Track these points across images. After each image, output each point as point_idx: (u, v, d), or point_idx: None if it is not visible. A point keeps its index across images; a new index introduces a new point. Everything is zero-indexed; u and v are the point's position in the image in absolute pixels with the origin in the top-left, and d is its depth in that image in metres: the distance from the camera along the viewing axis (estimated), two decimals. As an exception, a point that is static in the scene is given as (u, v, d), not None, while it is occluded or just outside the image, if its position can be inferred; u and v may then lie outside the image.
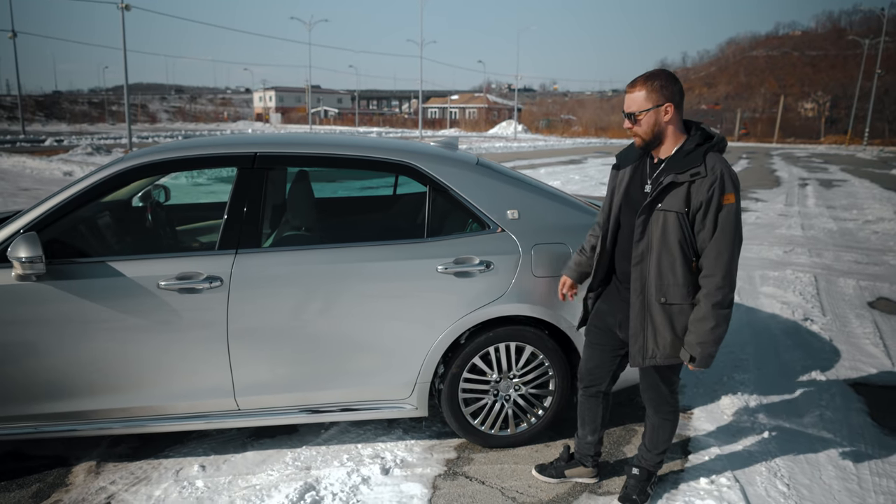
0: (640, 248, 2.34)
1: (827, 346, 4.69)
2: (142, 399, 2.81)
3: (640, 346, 2.40)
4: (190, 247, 3.81)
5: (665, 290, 2.31)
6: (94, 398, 2.77)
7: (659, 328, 2.35)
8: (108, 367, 2.74)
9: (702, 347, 2.29)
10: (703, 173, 2.21)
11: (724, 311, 2.27)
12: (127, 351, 2.73)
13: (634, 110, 2.29)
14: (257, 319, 2.79)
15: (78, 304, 2.66)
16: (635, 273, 2.37)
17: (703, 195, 2.20)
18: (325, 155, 3.02)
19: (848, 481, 2.95)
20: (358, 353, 2.91)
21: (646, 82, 2.27)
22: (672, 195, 2.25)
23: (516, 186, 3.17)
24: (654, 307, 2.34)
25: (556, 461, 2.90)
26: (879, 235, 9.47)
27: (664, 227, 2.27)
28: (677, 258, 2.27)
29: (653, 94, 2.25)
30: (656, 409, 2.60)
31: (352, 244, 2.92)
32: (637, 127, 2.30)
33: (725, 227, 2.21)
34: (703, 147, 2.26)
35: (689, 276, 2.29)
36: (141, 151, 2.99)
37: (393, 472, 2.94)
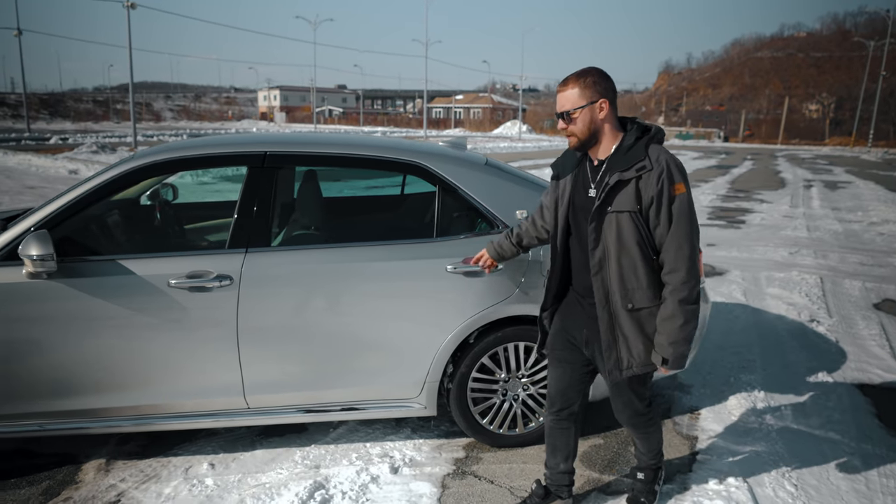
0: (598, 256, 2.21)
1: (833, 348, 4.68)
2: (151, 397, 2.82)
3: (615, 360, 2.26)
4: (200, 245, 3.83)
5: (630, 296, 2.19)
6: (102, 396, 2.78)
7: (630, 337, 2.23)
8: (117, 364, 2.75)
9: (673, 347, 2.16)
10: (649, 166, 2.10)
11: (692, 306, 2.15)
12: (136, 349, 2.74)
13: (568, 108, 2.16)
14: (267, 318, 2.80)
15: (88, 302, 2.67)
16: (596, 283, 2.23)
17: (652, 189, 2.09)
18: (336, 154, 3.03)
19: (856, 482, 2.95)
20: (367, 353, 2.91)
21: (578, 79, 2.16)
22: (621, 195, 2.13)
23: (524, 186, 3.17)
24: (621, 315, 2.21)
25: (529, 498, 2.66)
26: (885, 237, 9.45)
27: (619, 229, 2.15)
28: (637, 260, 2.16)
29: (586, 91, 2.14)
30: (635, 426, 2.50)
31: (361, 243, 2.93)
32: (572, 126, 2.18)
33: (681, 218, 2.10)
34: (643, 140, 2.16)
35: (653, 277, 2.18)
36: (150, 150, 3.01)
37: (402, 470, 2.94)
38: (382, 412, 3.03)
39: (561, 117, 2.20)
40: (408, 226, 3.55)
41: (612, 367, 2.28)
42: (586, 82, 2.15)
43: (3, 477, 2.85)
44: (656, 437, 2.58)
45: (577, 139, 2.20)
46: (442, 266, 2.90)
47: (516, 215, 3.06)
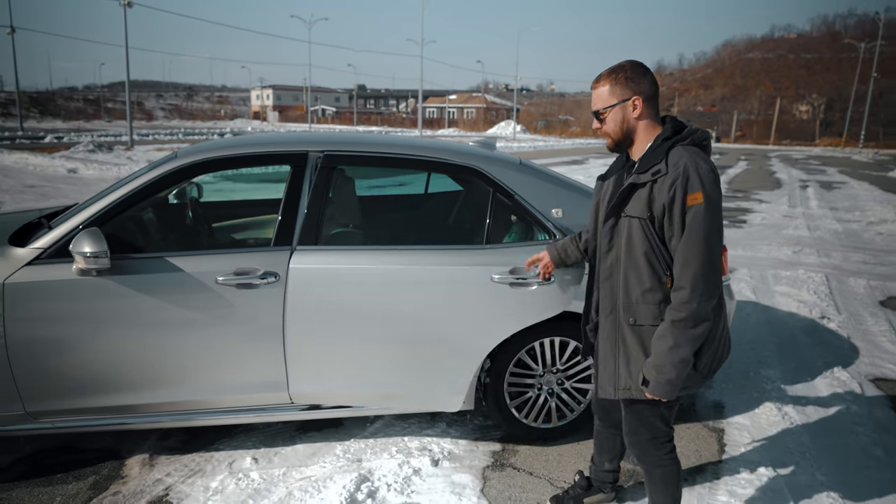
0: (609, 261, 2.08)
1: (845, 343, 4.79)
2: (194, 392, 2.87)
3: (610, 374, 2.12)
4: (243, 242, 3.88)
5: (634, 310, 2.03)
6: (147, 391, 2.83)
7: (632, 353, 2.05)
8: (162, 360, 2.80)
9: (656, 371, 1.95)
10: (664, 171, 1.91)
11: (690, 330, 1.91)
12: (183, 345, 2.79)
13: (599, 107, 2.05)
14: (313, 315, 2.85)
15: (138, 298, 2.72)
16: (605, 290, 2.12)
17: (664, 196, 1.90)
18: (391, 155, 3.08)
19: (882, 471, 3.04)
20: (410, 356, 2.95)
21: (610, 75, 2.03)
22: (635, 199, 1.99)
23: (557, 184, 3.24)
24: (624, 329, 2.07)
25: (571, 489, 2.69)
26: (884, 237, 9.60)
27: (629, 235, 2.01)
28: (644, 273, 1.99)
29: (617, 88, 2.01)
30: (639, 457, 2.24)
31: (409, 247, 2.94)
32: (605, 125, 2.06)
33: (692, 232, 1.88)
34: (669, 142, 1.97)
35: (662, 294, 1.99)
36: (193, 149, 3.06)
37: (442, 463, 3.01)
38: (423, 407, 3.09)
39: (595, 116, 2.09)
40: (455, 229, 3.55)
41: (606, 382, 2.14)
42: (618, 79, 2.01)
43: (49, 472, 2.89)
44: (666, 488, 2.24)
45: (611, 139, 2.09)
46: (488, 275, 2.88)
47: (552, 213, 3.12)
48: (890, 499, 2.83)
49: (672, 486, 2.25)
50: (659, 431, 2.18)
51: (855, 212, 12.55)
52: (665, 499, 2.27)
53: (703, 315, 1.91)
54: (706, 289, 1.89)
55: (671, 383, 1.95)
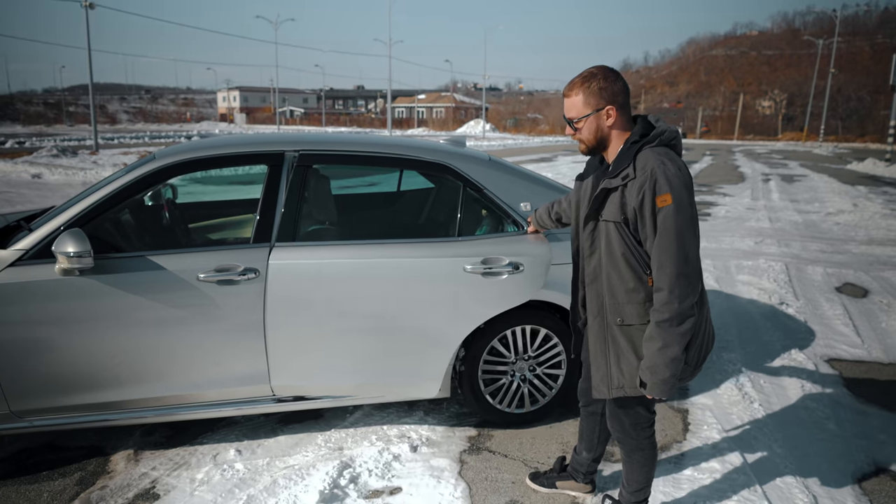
0: (593, 264, 2.15)
1: (802, 327, 5.03)
2: (177, 387, 2.94)
3: (603, 374, 2.18)
4: (222, 241, 3.94)
5: (620, 310, 2.09)
6: (130, 388, 2.89)
7: (623, 352, 2.11)
8: (147, 356, 2.87)
9: (651, 372, 2.00)
10: (632, 175, 1.97)
11: (675, 328, 1.95)
12: (166, 341, 2.86)
13: (574, 116, 2.08)
14: (293, 309, 2.94)
15: (121, 297, 2.78)
16: (591, 292, 2.18)
17: (634, 200, 1.97)
18: (365, 154, 3.18)
19: (834, 443, 3.25)
20: (387, 346, 3.06)
21: (583, 84, 2.05)
22: (609, 203, 2.05)
23: (524, 179, 3.38)
24: (613, 329, 2.12)
25: (549, 472, 2.83)
26: (841, 226, 9.98)
27: (608, 239, 2.07)
28: (625, 273, 2.05)
29: (591, 98, 2.04)
30: (620, 441, 2.34)
31: (384, 241, 3.05)
32: (579, 133, 2.11)
33: (664, 233, 1.92)
34: (637, 144, 2.02)
35: (645, 293, 2.05)
36: (172, 150, 3.12)
37: (420, 449, 3.13)
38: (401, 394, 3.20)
39: (568, 123, 2.13)
40: (427, 224, 3.67)
41: (599, 383, 2.20)
42: (591, 88, 2.04)
43: (35, 470, 2.93)
44: (637, 467, 2.35)
45: (585, 146, 2.14)
46: (460, 266, 3.01)
47: (520, 207, 3.26)
48: (840, 466, 3.03)
49: (648, 468, 2.37)
50: (641, 418, 2.28)
51: (815, 203, 13.00)
52: (640, 478, 2.39)
53: (686, 313, 1.95)
54: (684, 288, 1.94)
55: (666, 382, 1.99)
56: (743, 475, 2.92)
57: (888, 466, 3.06)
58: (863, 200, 13.18)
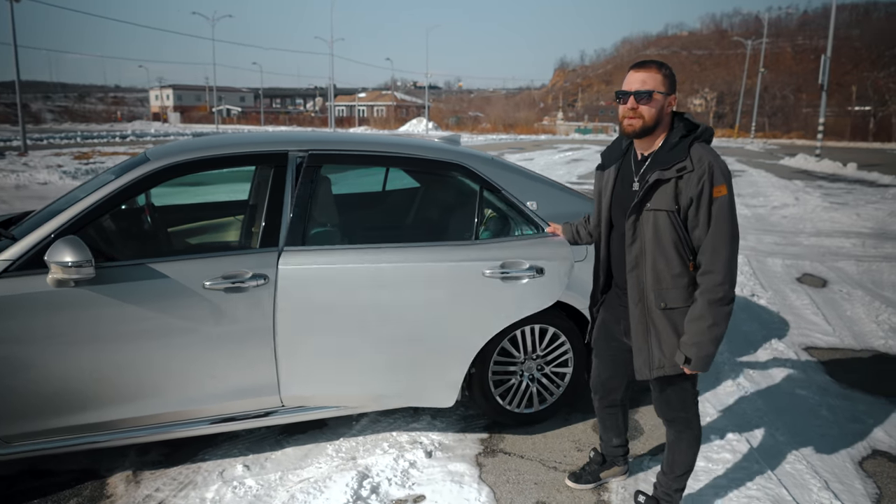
0: (634, 252, 2.22)
1: (776, 318, 5.22)
2: (180, 402, 2.78)
3: (645, 357, 2.25)
4: (229, 246, 3.75)
5: (664, 295, 2.18)
6: (133, 405, 2.71)
7: (663, 336, 2.20)
8: (149, 371, 2.70)
9: (697, 348, 2.11)
10: (690, 167, 2.07)
11: (724, 307, 2.10)
12: (171, 353, 2.70)
13: (651, 88, 2.11)
14: (304, 316, 2.83)
15: (121, 308, 2.60)
16: (631, 280, 2.24)
17: (692, 190, 2.07)
18: (375, 154, 3.08)
19: (829, 428, 3.37)
20: (403, 354, 2.97)
21: (660, 67, 2.14)
22: (659, 193, 2.13)
23: (534, 180, 3.36)
24: (655, 314, 2.20)
25: (588, 465, 2.85)
26: (789, 219, 10.45)
27: (655, 227, 2.14)
28: (673, 259, 2.14)
29: (667, 81, 2.14)
30: (669, 421, 2.42)
31: (399, 244, 2.96)
32: (644, 107, 2.13)
33: (720, 220, 2.07)
34: (688, 139, 2.14)
35: (688, 277, 2.16)
36: (165, 150, 2.95)
37: (435, 454, 3.07)
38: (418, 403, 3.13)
39: (635, 96, 2.13)
40: (441, 225, 3.58)
41: (642, 365, 2.27)
42: (667, 73, 2.15)
43: (23, 499, 2.72)
44: (686, 447, 2.42)
45: (643, 123, 2.15)
46: (479, 270, 2.94)
47: (527, 206, 3.24)
48: (840, 450, 3.15)
49: (696, 447, 2.44)
50: (687, 393, 2.36)
51: (759, 197, 13.57)
52: (688, 460, 2.44)
53: (732, 295, 2.12)
54: (733, 271, 2.11)
55: (710, 357, 2.13)
56: (755, 464, 2.99)
57: (883, 448, 3.20)
58: (802, 194, 13.84)
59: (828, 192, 14.82)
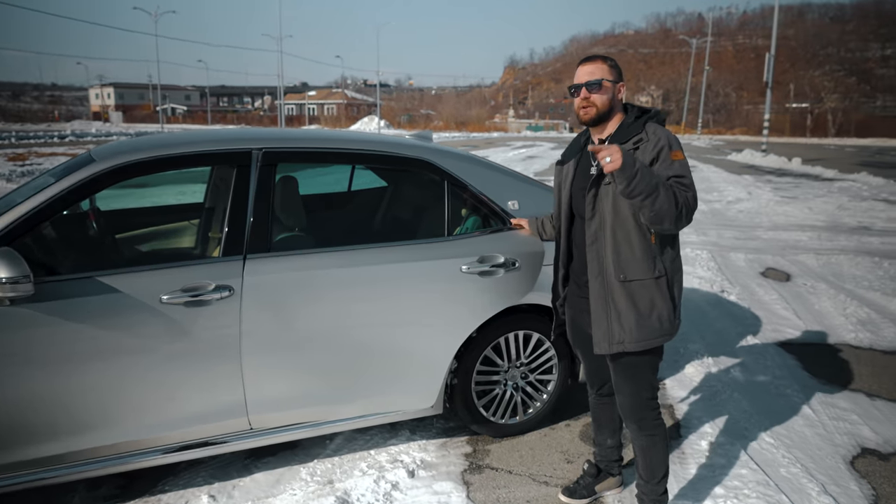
0: (593, 227, 2.25)
1: (748, 314, 5.20)
2: (137, 431, 2.50)
3: (604, 331, 2.25)
4: (188, 254, 3.44)
5: (624, 267, 2.19)
6: (85, 436, 2.42)
7: (622, 310, 2.21)
8: (100, 398, 2.41)
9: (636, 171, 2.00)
10: (646, 138, 2.17)
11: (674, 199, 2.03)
12: (126, 377, 2.42)
13: (599, 77, 2.22)
14: (273, 329, 2.59)
15: (67, 328, 2.31)
16: (591, 254, 2.26)
17: (648, 155, 2.14)
18: (338, 150, 2.86)
19: (815, 426, 3.32)
20: (381, 363, 2.79)
21: (605, 60, 2.29)
22: None
23: (508, 175, 3.20)
24: (614, 287, 2.21)
25: (581, 478, 2.71)
26: (745, 214, 10.62)
27: (615, 199, 2.18)
28: (632, 230, 2.18)
29: (613, 71, 2.27)
30: (639, 423, 2.35)
31: (371, 245, 2.80)
32: (597, 95, 2.22)
33: (682, 172, 2.12)
34: (643, 118, 2.26)
35: (647, 249, 2.19)
36: (112, 149, 2.65)
37: (418, 473, 2.86)
38: (388, 417, 2.93)
39: (587, 86, 2.23)
40: (410, 223, 3.41)
41: (601, 339, 2.26)
42: (612, 64, 2.29)
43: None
44: (660, 446, 2.38)
45: (596, 110, 2.24)
46: (457, 267, 2.84)
47: (508, 206, 3.08)
48: (830, 450, 3.08)
49: (666, 449, 2.40)
50: (654, 388, 2.36)
51: (713, 192, 13.80)
52: (663, 459, 2.40)
53: (690, 205, 2.09)
54: (695, 200, 2.13)
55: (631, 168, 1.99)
56: (750, 469, 2.89)
57: (871, 446, 3.15)
58: (754, 189, 14.15)
59: (777, 186, 15.20)
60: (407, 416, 2.97)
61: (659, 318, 2.22)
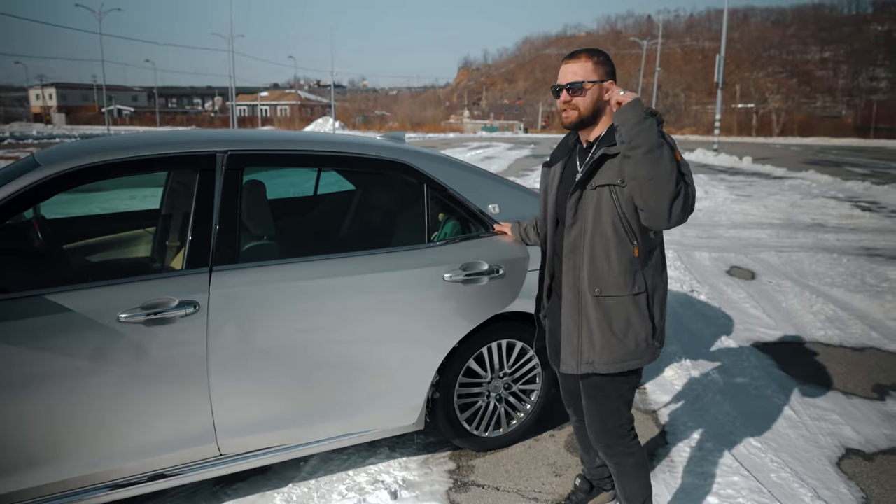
0: (573, 234, 2.07)
1: (720, 314, 5.21)
2: (92, 464, 2.26)
3: (573, 348, 2.08)
4: (146, 266, 3.18)
5: (599, 280, 2.02)
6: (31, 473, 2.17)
7: (594, 327, 2.04)
8: (51, 429, 2.17)
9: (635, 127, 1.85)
10: None
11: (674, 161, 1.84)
12: (79, 405, 2.19)
13: (580, 79, 2.03)
14: (243, 348, 2.39)
15: (11, 353, 2.06)
16: (567, 264, 2.09)
17: None
18: (309, 153, 2.67)
19: (798, 428, 3.29)
20: (361, 377, 2.63)
21: (591, 56, 2.07)
22: (604, 169, 2.00)
23: (488, 178, 3.07)
24: (588, 301, 2.04)
25: (573, 494, 2.60)
26: (704, 212, 10.76)
27: (598, 205, 2.01)
28: (611, 240, 2.00)
29: (598, 68, 2.05)
30: (605, 450, 2.20)
31: (348, 253, 2.62)
32: (578, 98, 2.04)
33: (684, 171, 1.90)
34: None
35: (628, 263, 2.01)
36: (61, 153, 2.40)
37: (401, 494, 2.70)
38: (368, 435, 2.76)
39: (568, 89, 2.05)
40: (387, 229, 3.23)
41: (568, 356, 2.10)
42: (598, 60, 2.06)
43: None
44: (632, 474, 2.21)
45: (578, 114, 2.06)
46: (439, 275, 2.69)
47: (489, 209, 2.95)
48: (816, 452, 3.05)
49: (644, 473, 2.24)
50: (624, 417, 2.18)
51: (670, 191, 13.96)
52: (639, 488, 2.23)
53: (690, 195, 1.88)
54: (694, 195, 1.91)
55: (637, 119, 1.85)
56: (741, 476, 2.83)
57: (854, 446, 3.14)
58: (710, 188, 14.44)
59: (731, 184, 15.54)
60: (386, 434, 2.81)
61: (635, 339, 2.04)
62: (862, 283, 6.11)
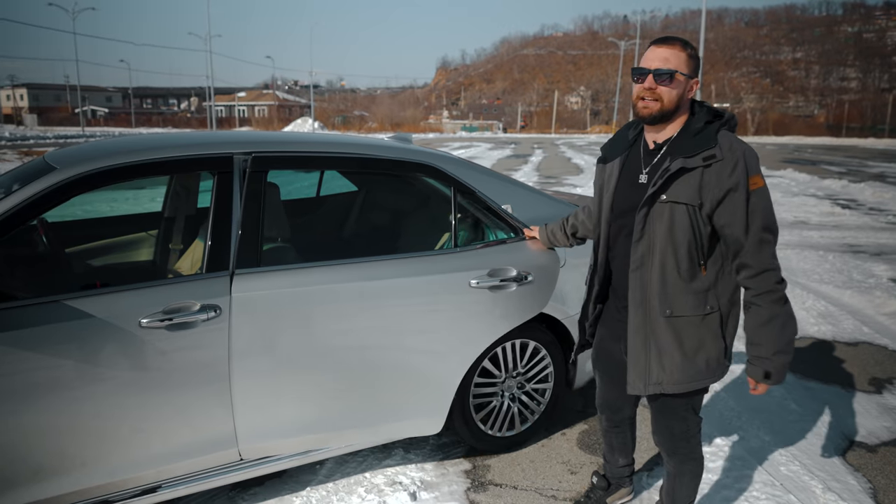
0: (640, 250, 1.95)
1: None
2: (112, 472, 2.23)
3: (641, 370, 2.00)
4: (159, 269, 3.13)
5: (671, 301, 1.92)
6: (53, 480, 2.14)
7: (665, 348, 1.95)
8: (72, 437, 2.14)
9: (777, 357, 1.90)
10: (720, 156, 1.82)
11: (788, 306, 1.91)
12: (101, 413, 2.15)
13: (673, 67, 1.86)
14: (266, 352, 2.37)
15: (32, 361, 2.03)
16: (633, 280, 1.98)
17: (725, 182, 1.82)
18: (336, 155, 2.66)
19: (803, 422, 3.37)
20: (385, 382, 2.61)
21: (685, 47, 1.90)
22: (679, 184, 1.86)
23: (504, 181, 3.08)
24: (657, 322, 1.95)
25: (591, 491, 2.60)
26: (689, 210, 10.91)
27: (671, 222, 1.88)
28: (683, 260, 1.90)
29: (690, 63, 1.89)
30: (669, 452, 2.17)
31: (372, 259, 2.59)
32: (665, 88, 1.87)
33: (761, 213, 1.84)
34: (714, 125, 1.90)
35: (699, 282, 1.92)
36: (77, 155, 2.36)
37: (420, 495, 2.70)
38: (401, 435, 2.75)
39: (655, 75, 1.87)
40: (413, 233, 3.21)
41: (636, 379, 2.02)
42: (691, 53, 1.90)
43: None
44: (689, 479, 2.20)
45: (661, 107, 1.89)
46: (466, 281, 2.66)
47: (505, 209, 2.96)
48: (821, 445, 3.12)
49: (697, 481, 2.23)
50: (691, 423, 2.13)
51: (654, 190, 14.13)
52: (690, 492, 2.24)
53: (779, 274, 1.93)
54: (779, 265, 1.92)
55: (787, 366, 1.94)
56: (754, 470, 2.88)
57: (857, 439, 3.21)
58: (692, 185, 14.57)
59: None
60: (404, 437, 2.80)
61: (706, 360, 1.96)
62: (850, 280, 6.25)
